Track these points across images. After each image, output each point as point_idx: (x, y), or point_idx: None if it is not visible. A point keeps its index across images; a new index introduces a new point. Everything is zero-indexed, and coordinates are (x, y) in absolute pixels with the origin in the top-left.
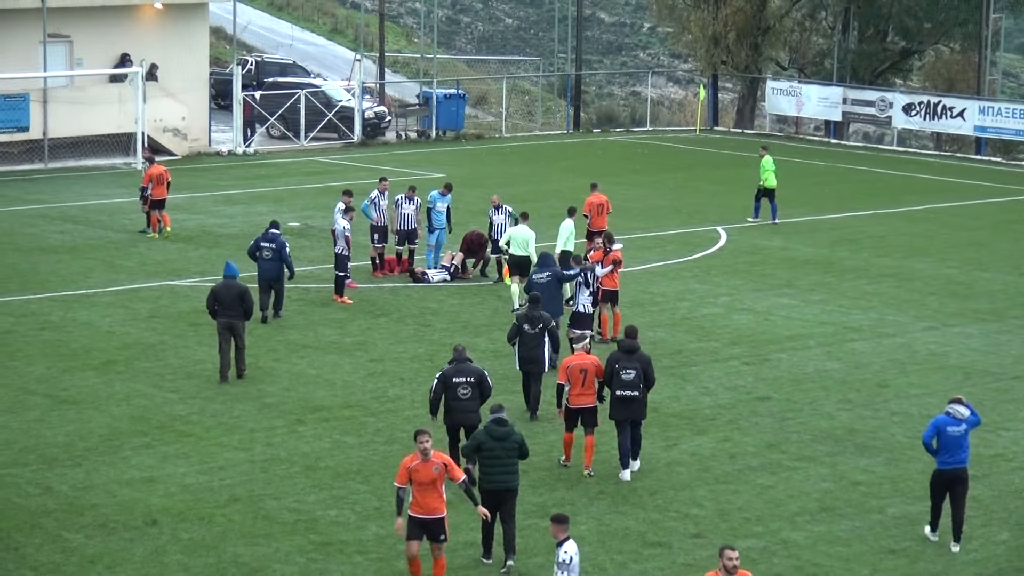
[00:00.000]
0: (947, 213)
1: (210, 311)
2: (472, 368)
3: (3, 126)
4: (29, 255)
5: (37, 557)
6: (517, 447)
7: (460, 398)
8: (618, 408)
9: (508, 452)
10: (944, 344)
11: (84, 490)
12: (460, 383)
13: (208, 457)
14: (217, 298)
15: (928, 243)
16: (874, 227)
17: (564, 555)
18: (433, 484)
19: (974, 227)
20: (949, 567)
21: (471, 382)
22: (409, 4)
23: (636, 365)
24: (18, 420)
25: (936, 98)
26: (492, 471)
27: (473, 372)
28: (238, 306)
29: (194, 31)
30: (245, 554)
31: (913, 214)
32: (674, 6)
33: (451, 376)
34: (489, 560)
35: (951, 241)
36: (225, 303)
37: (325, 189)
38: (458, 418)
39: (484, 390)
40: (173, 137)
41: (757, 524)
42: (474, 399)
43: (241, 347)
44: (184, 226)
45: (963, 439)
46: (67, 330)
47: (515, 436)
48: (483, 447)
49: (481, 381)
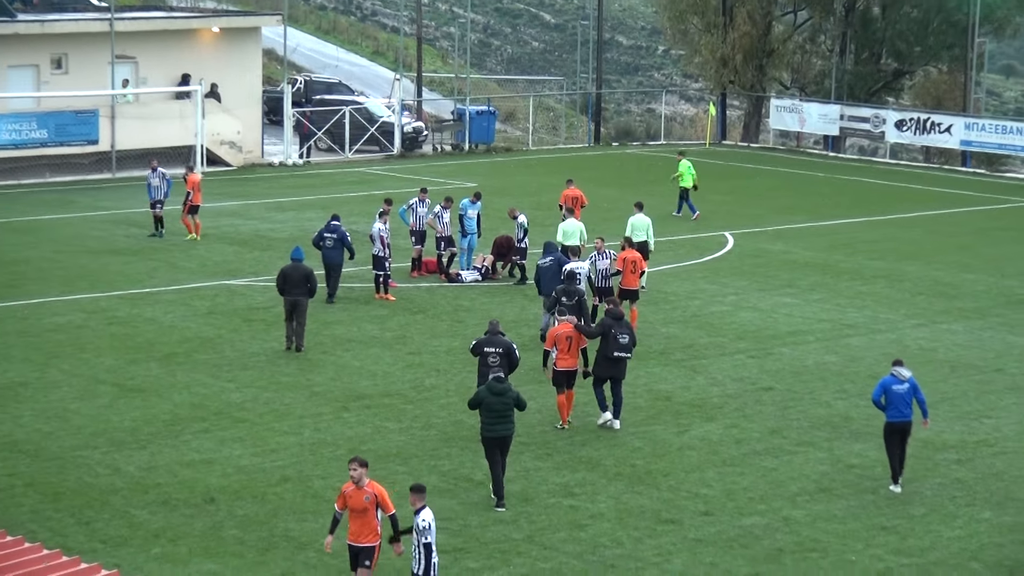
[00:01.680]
0: (935, 220)
1: (279, 289)
2: (502, 340)
3: (75, 139)
4: (99, 257)
5: (106, 531)
6: (513, 401)
7: (489, 364)
8: (609, 367)
9: (505, 405)
10: (932, 340)
11: (148, 471)
12: (490, 352)
13: (261, 441)
14: (285, 278)
15: (917, 248)
16: (868, 233)
17: (423, 522)
18: (364, 512)
19: (959, 233)
20: (936, 542)
21: (499, 352)
22: (444, 28)
23: (628, 331)
24: (89, 407)
25: (925, 115)
26: (492, 422)
27: (502, 344)
28: (303, 285)
29: (248, 53)
30: (295, 529)
31: (904, 221)
32: (686, 31)
33: (483, 345)
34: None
35: (938, 246)
36: (292, 282)
37: (368, 197)
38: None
39: (512, 360)
40: (229, 149)
41: (761, 503)
42: (501, 367)
43: (302, 324)
44: (239, 231)
45: (907, 396)
46: (133, 325)
47: (511, 392)
48: (484, 402)
49: (509, 352)
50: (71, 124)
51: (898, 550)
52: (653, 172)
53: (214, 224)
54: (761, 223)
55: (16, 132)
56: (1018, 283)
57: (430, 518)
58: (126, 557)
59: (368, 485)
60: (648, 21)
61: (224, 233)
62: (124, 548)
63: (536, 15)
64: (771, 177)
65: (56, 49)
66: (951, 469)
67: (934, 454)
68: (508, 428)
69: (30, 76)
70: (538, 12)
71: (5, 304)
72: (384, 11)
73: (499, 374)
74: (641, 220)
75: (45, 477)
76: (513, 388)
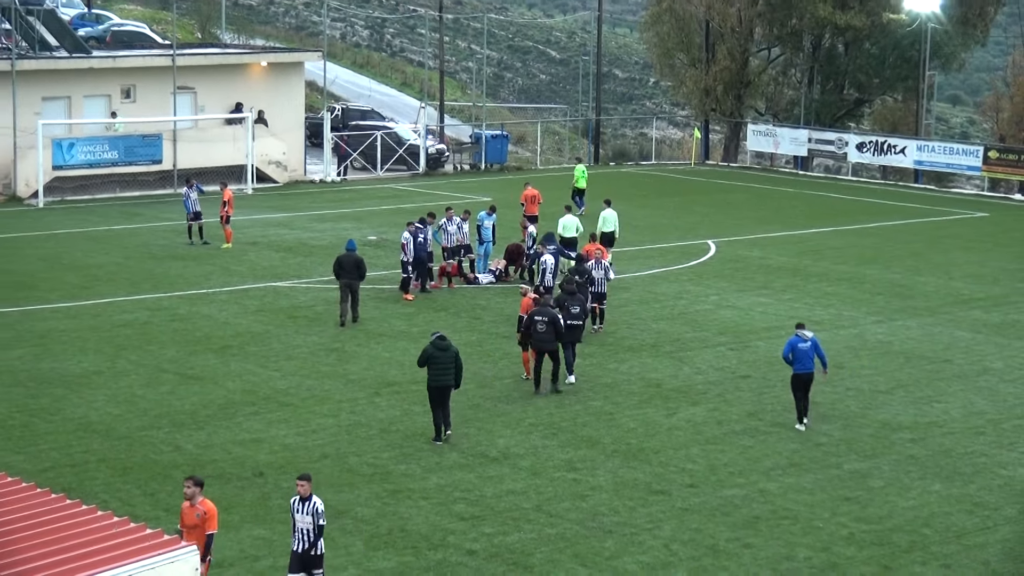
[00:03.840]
0: (891, 230)
1: (335, 274)
2: (549, 311)
3: (142, 159)
4: (162, 262)
5: (169, 501)
6: (454, 357)
7: (538, 331)
8: (566, 333)
9: (447, 360)
10: (889, 334)
11: (205, 448)
12: (539, 320)
13: (303, 422)
14: (340, 264)
15: (876, 253)
16: (833, 240)
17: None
18: (195, 528)
19: (913, 241)
20: (893, 510)
21: (546, 321)
22: (463, 63)
23: (579, 303)
24: (153, 392)
25: (883, 138)
26: (437, 373)
27: (548, 314)
28: (355, 271)
29: (292, 84)
30: (333, 499)
31: (864, 230)
32: (674, 65)
33: (535, 315)
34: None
35: (894, 252)
36: (346, 268)
37: (396, 210)
38: (537, 345)
39: (558, 328)
40: (276, 168)
41: (740, 477)
42: (549, 332)
43: (356, 300)
44: (284, 239)
45: (810, 352)
46: (192, 321)
47: (452, 349)
48: (431, 357)
49: (555, 321)
50: (138, 146)
51: (859, 518)
52: (644, 187)
53: (262, 233)
54: (740, 232)
55: (90, 153)
56: (964, 285)
57: (321, 504)
58: None
59: (200, 503)
60: (641, 57)
61: (271, 241)
62: None
63: (543, 51)
64: (748, 192)
65: (125, 81)
66: (906, 447)
67: (891, 434)
68: (448, 379)
69: (103, 105)
70: (545, 49)
71: (80, 303)
72: (411, 48)
73: (441, 334)
74: (611, 214)
75: (115, 454)
76: (454, 347)
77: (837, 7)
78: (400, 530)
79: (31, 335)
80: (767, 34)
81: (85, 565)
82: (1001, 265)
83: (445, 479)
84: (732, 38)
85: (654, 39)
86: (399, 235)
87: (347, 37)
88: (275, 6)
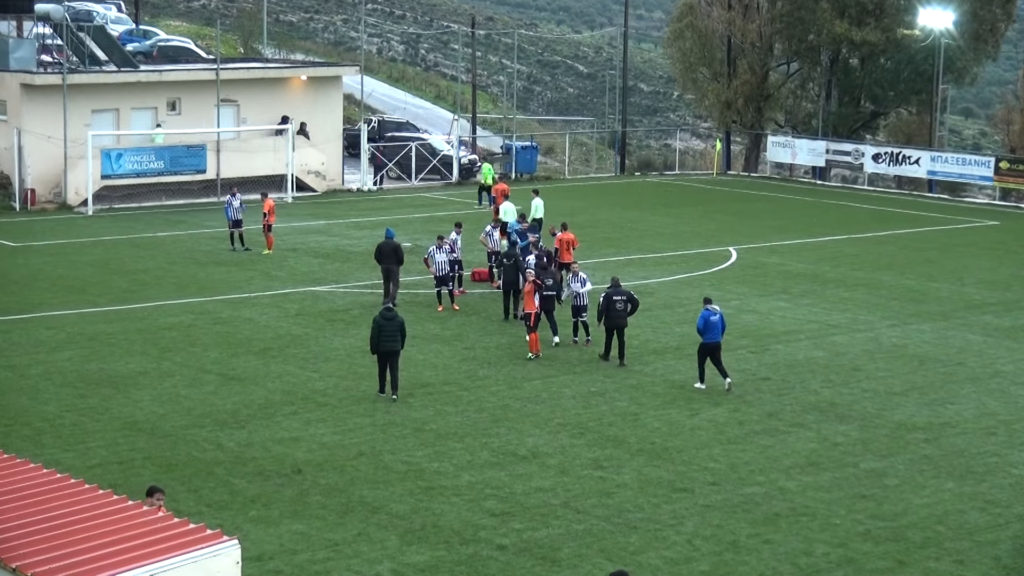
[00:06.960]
0: (906, 238)
1: (376, 259)
2: (625, 290)
3: (187, 169)
4: (205, 267)
5: (211, 497)
6: (399, 326)
7: (616, 309)
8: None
9: (394, 328)
10: (904, 338)
11: (246, 446)
12: (617, 300)
13: (340, 421)
14: (380, 251)
15: (891, 260)
16: (850, 248)
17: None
18: None
19: (927, 248)
20: (908, 508)
21: (623, 299)
22: (495, 77)
23: (551, 276)
24: (197, 392)
25: (898, 149)
26: (383, 340)
27: (625, 292)
28: (393, 256)
29: (331, 97)
30: (369, 495)
31: (880, 238)
32: (696, 79)
33: (612, 295)
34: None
35: (909, 259)
36: (385, 254)
37: (430, 218)
38: (611, 322)
39: (634, 304)
40: (315, 178)
41: (760, 475)
42: (624, 310)
43: (396, 284)
44: (323, 246)
45: (718, 324)
46: (234, 324)
47: (398, 319)
48: (380, 326)
49: (631, 298)
50: (183, 156)
51: (875, 515)
52: (668, 196)
53: (302, 240)
54: (760, 240)
55: (137, 163)
56: (976, 291)
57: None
58: (227, 519)
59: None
60: (665, 71)
61: (310, 248)
62: (225, 511)
63: (572, 66)
64: (768, 201)
65: (171, 94)
66: (920, 447)
67: (906, 434)
68: (395, 345)
69: (150, 117)
70: (573, 64)
71: (127, 306)
72: (445, 63)
73: (389, 304)
74: (539, 202)
75: (160, 451)
76: (400, 317)
77: (853, 24)
78: (433, 525)
79: (81, 337)
80: (786, 49)
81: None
82: (1012, 271)
83: (476, 477)
84: (752, 53)
85: (677, 54)
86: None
87: (383, 52)
88: (315, 22)
